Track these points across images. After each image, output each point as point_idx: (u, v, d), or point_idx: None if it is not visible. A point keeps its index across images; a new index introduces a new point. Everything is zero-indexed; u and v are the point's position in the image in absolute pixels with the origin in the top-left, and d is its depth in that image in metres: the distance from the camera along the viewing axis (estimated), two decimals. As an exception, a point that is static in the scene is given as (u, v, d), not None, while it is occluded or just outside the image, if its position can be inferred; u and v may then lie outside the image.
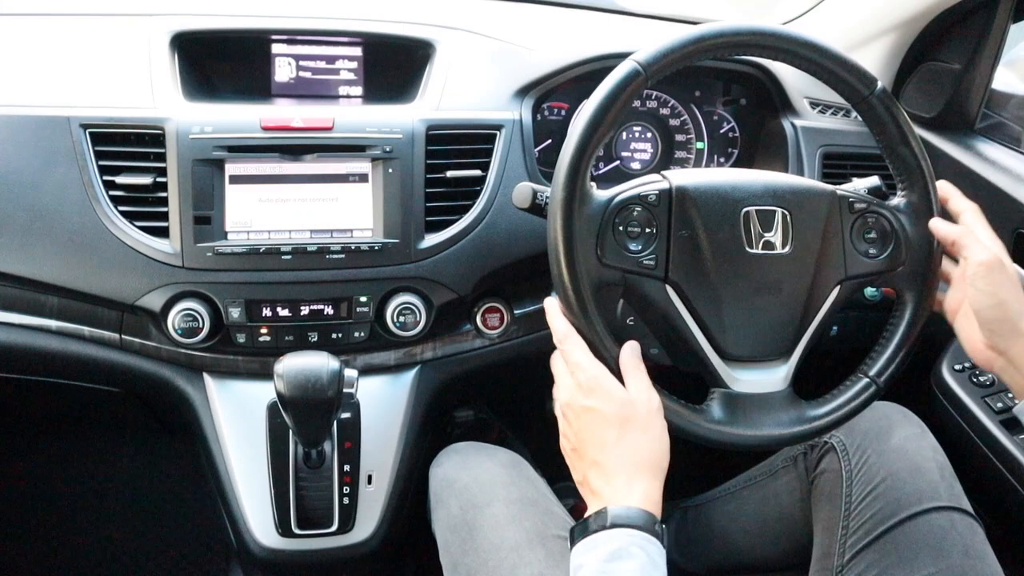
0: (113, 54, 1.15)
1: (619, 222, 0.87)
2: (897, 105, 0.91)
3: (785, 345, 0.91)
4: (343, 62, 1.26)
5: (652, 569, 0.72)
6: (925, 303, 0.93)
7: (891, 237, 0.93)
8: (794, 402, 0.90)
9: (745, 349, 0.90)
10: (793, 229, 0.90)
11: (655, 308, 0.89)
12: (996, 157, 1.23)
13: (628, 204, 0.87)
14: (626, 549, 0.72)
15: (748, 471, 1.20)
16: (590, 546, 0.74)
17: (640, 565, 0.72)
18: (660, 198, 0.88)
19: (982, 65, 1.24)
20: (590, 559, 0.73)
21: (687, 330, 0.89)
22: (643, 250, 0.87)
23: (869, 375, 0.92)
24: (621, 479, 0.77)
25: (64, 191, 1.04)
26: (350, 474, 1.09)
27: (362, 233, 1.09)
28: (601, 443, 0.79)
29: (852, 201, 0.93)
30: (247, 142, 1.06)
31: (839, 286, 0.93)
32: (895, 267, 0.93)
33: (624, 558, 0.72)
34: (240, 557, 1.18)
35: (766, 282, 0.90)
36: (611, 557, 0.72)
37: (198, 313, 1.04)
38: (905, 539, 0.93)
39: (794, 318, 0.91)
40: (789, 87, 1.32)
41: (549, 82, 1.23)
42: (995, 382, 1.17)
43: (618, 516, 0.75)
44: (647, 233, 0.87)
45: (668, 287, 0.88)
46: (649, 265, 0.88)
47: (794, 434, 0.89)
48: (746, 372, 0.90)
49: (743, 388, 0.89)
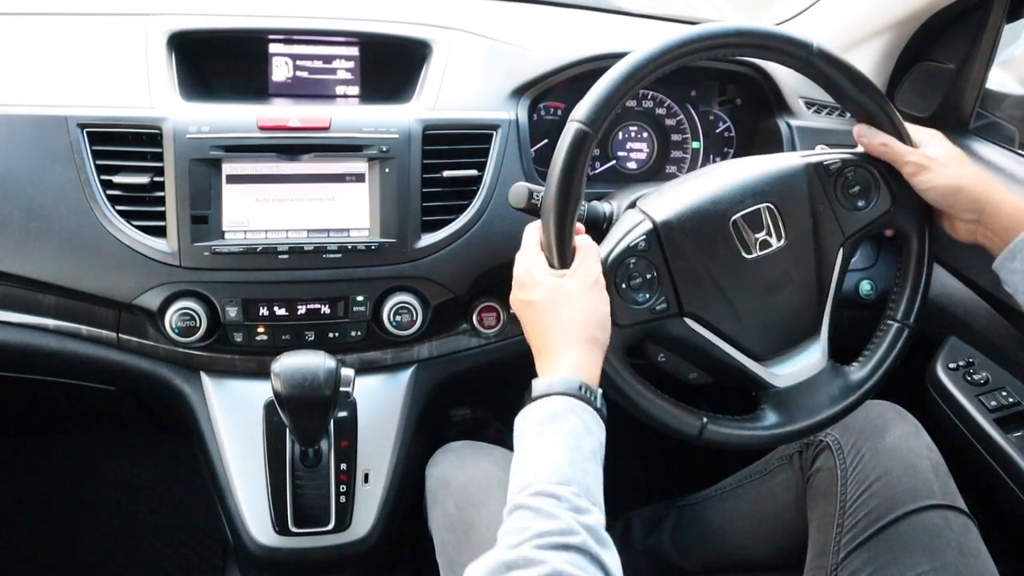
0: (110, 54, 1.14)
1: (619, 280, 0.87)
2: (841, 59, 0.91)
3: (812, 325, 0.93)
4: (340, 62, 1.26)
5: (585, 434, 0.75)
6: (928, 233, 0.95)
7: (874, 184, 0.95)
8: (839, 374, 0.92)
9: (775, 345, 0.91)
10: (783, 219, 0.90)
11: (682, 342, 0.90)
12: (991, 157, 1.24)
13: (622, 260, 0.87)
14: (561, 413, 0.75)
15: (744, 470, 1.20)
16: (526, 416, 0.77)
17: (573, 428, 0.74)
18: (649, 241, 0.88)
19: (976, 65, 1.25)
20: (528, 426, 0.76)
21: (717, 350, 0.89)
22: (651, 297, 0.88)
23: (897, 319, 0.94)
24: (555, 354, 0.81)
25: (61, 190, 1.04)
26: (347, 473, 1.09)
27: (359, 233, 1.09)
28: (538, 328, 0.84)
29: (827, 164, 0.94)
30: (244, 142, 1.06)
31: (842, 248, 0.94)
32: (888, 209, 0.95)
33: (558, 421, 0.75)
34: (237, 555, 1.18)
35: (774, 279, 0.91)
36: (546, 420, 0.75)
37: (195, 312, 1.04)
38: (899, 537, 0.93)
39: (811, 298, 0.92)
40: (784, 87, 1.33)
41: (545, 82, 1.23)
42: (989, 380, 1.18)
43: (547, 384, 0.78)
44: (649, 280, 0.88)
45: (687, 320, 0.89)
46: (663, 309, 0.88)
47: (849, 404, 0.91)
48: (784, 365, 0.91)
49: (787, 382, 0.90)
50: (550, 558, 0.63)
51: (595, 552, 0.65)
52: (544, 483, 0.69)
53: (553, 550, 0.64)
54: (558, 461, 0.71)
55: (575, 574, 0.62)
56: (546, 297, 0.83)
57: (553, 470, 0.70)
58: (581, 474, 0.72)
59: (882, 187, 0.95)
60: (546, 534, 0.65)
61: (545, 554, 0.63)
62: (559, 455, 0.72)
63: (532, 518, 0.67)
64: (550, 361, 0.81)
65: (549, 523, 0.66)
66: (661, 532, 1.27)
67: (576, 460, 0.72)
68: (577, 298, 0.83)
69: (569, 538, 0.65)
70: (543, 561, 0.62)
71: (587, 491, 0.71)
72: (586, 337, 0.82)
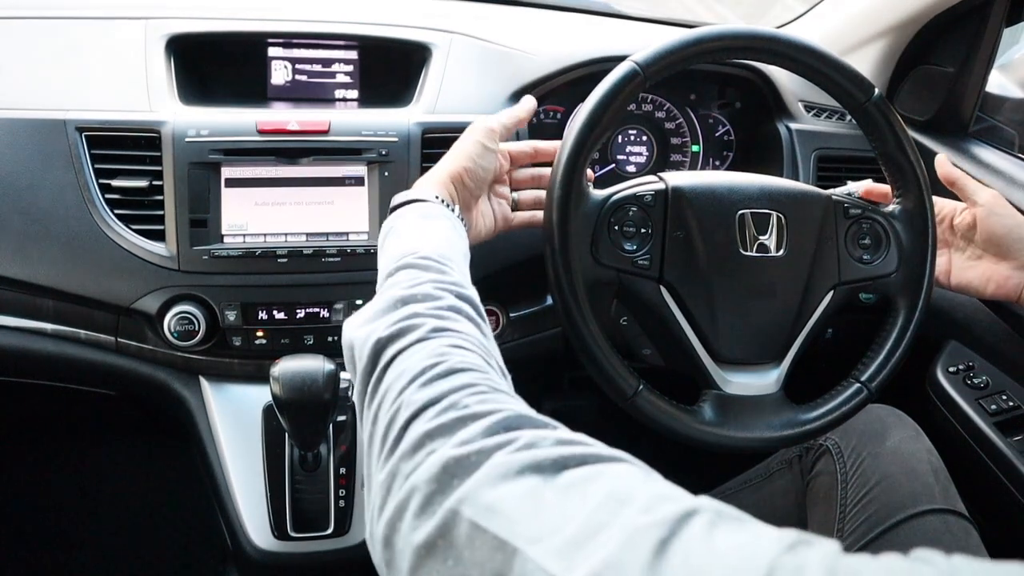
0: (109, 57, 1.14)
1: (614, 222, 0.87)
2: (894, 112, 0.92)
3: (777, 349, 0.92)
4: (339, 65, 1.26)
5: (457, 237, 0.78)
6: (918, 310, 0.93)
7: (885, 243, 0.94)
8: (785, 405, 0.91)
9: (738, 352, 0.90)
10: (788, 232, 0.90)
11: (649, 309, 0.89)
12: (990, 160, 1.24)
13: (624, 204, 0.87)
14: (432, 213, 0.79)
15: (744, 473, 1.20)
16: (399, 215, 0.80)
17: (450, 225, 0.78)
18: (656, 198, 0.88)
19: (976, 68, 1.25)
20: (402, 222, 0.78)
21: (680, 331, 0.89)
22: (638, 250, 0.88)
23: (861, 380, 0.92)
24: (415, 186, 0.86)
25: (60, 194, 1.03)
26: (346, 477, 1.09)
27: (358, 236, 1.09)
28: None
29: (847, 207, 0.93)
30: (243, 145, 1.06)
31: (832, 291, 0.93)
32: (889, 273, 0.94)
33: (434, 218, 0.79)
34: (236, 560, 1.17)
35: (760, 285, 0.90)
36: (423, 216, 0.79)
37: (194, 316, 1.04)
38: (900, 541, 0.93)
39: (787, 322, 0.91)
40: (784, 90, 1.33)
41: (545, 85, 1.23)
42: (989, 384, 1.18)
43: (405, 194, 0.83)
44: (642, 233, 0.88)
45: (662, 288, 0.89)
46: (643, 265, 0.88)
47: (784, 437, 0.89)
48: (738, 375, 0.90)
49: (735, 390, 0.89)
50: (447, 296, 0.65)
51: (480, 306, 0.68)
52: (430, 253, 0.71)
53: (449, 292, 0.65)
54: (440, 243, 0.73)
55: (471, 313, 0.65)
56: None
57: (436, 248, 0.72)
58: (461, 261, 0.74)
59: (892, 249, 0.94)
60: (442, 281, 0.67)
61: (443, 292, 0.65)
62: (439, 241, 0.74)
63: (423, 273, 0.68)
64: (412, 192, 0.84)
65: (442, 276, 0.68)
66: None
67: (456, 254, 0.74)
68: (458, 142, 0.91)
69: (463, 289, 0.67)
70: (442, 296, 0.64)
71: (465, 277, 0.72)
72: (451, 172, 0.87)
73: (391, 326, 0.60)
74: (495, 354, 0.63)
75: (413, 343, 0.58)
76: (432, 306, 0.62)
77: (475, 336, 0.61)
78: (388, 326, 0.60)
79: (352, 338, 0.63)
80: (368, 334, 0.61)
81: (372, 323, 0.62)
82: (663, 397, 0.86)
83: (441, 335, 0.59)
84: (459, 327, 0.61)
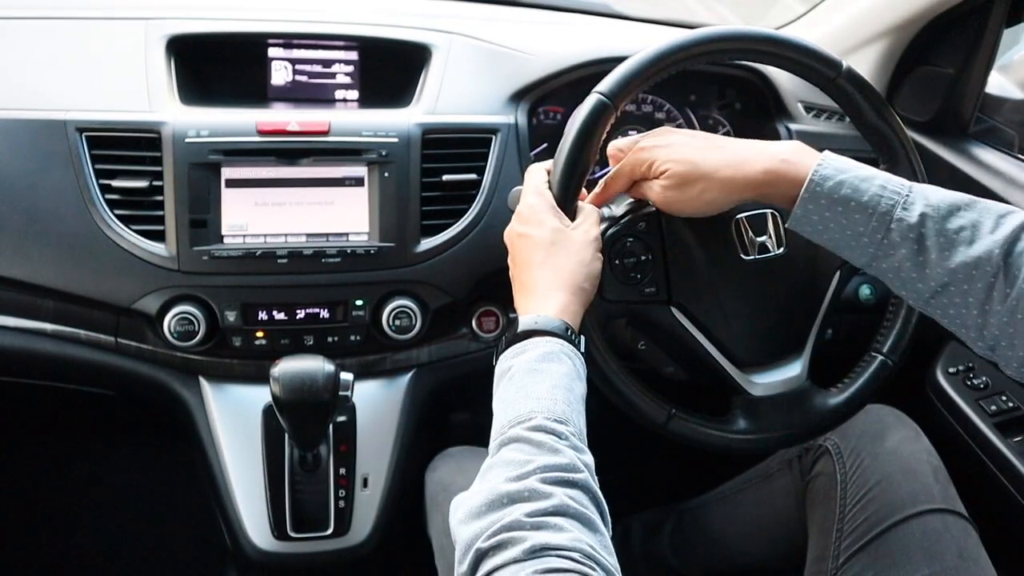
0: (109, 57, 1.14)
1: (613, 256, 0.87)
2: (867, 84, 0.91)
3: (796, 341, 0.92)
4: (339, 66, 1.26)
5: (577, 379, 0.74)
6: None
7: None
8: (815, 394, 0.91)
9: (758, 353, 0.91)
10: (785, 228, 0.90)
11: (664, 331, 0.90)
12: (990, 161, 1.24)
13: (620, 238, 0.87)
14: (555, 354, 0.74)
15: (743, 474, 1.20)
16: (520, 351, 0.75)
17: (568, 371, 0.74)
18: (649, 224, 0.88)
19: (976, 69, 1.25)
20: (520, 361, 0.74)
21: (699, 346, 0.89)
22: (643, 278, 0.87)
23: (883, 352, 0.93)
24: (544, 294, 0.79)
25: (60, 194, 1.04)
26: (346, 477, 1.09)
27: (358, 237, 1.09)
28: (528, 264, 0.82)
29: None
30: (243, 146, 1.06)
31: (839, 271, 0.93)
32: None
33: (553, 361, 0.74)
34: (235, 560, 1.17)
35: (768, 285, 0.90)
36: (543, 359, 0.74)
37: (194, 316, 1.04)
38: (899, 542, 0.93)
39: (801, 313, 0.92)
40: (784, 91, 1.33)
41: (545, 86, 1.23)
42: (989, 385, 1.18)
43: (535, 321, 0.76)
44: (643, 261, 0.88)
45: (673, 309, 0.89)
46: (651, 293, 0.88)
47: (818, 425, 0.91)
48: (763, 375, 0.90)
49: (763, 391, 0.90)
50: (556, 492, 0.62)
51: (595, 491, 0.65)
52: (543, 419, 0.68)
53: (558, 485, 0.62)
54: (556, 399, 0.70)
55: (579, 510, 0.61)
56: (546, 237, 0.81)
57: (551, 408, 0.69)
58: (577, 416, 0.71)
59: None
60: (551, 468, 0.63)
61: (551, 488, 0.62)
62: (557, 394, 0.71)
63: (534, 452, 0.65)
64: (535, 298, 0.79)
65: (553, 458, 0.64)
66: (661, 536, 1.27)
67: (572, 402, 0.71)
68: (577, 247, 0.81)
69: (573, 475, 0.64)
70: (550, 495, 0.61)
71: (582, 434, 0.70)
72: (576, 285, 0.80)
73: (491, 537, 0.59)
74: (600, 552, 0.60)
75: (508, 563, 0.57)
76: (538, 509, 0.60)
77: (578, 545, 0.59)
78: (488, 536, 0.59)
79: (456, 533, 0.63)
80: (471, 538, 0.61)
81: (478, 520, 0.61)
82: (695, 415, 0.87)
83: (537, 559, 0.57)
84: (560, 540, 0.58)
